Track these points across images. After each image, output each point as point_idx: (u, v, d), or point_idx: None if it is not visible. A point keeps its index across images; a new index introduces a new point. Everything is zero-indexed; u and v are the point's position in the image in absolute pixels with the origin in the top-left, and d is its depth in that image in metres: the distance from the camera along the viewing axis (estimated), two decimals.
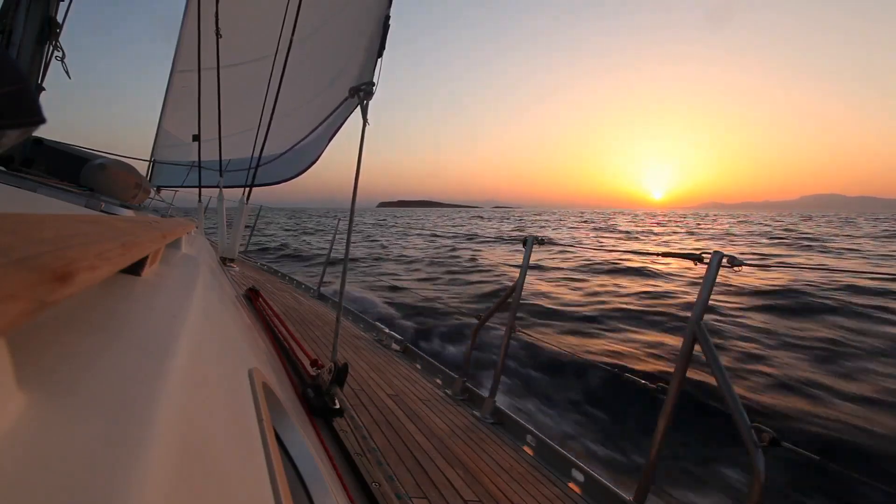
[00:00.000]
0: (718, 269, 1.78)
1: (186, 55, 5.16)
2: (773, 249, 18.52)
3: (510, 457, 2.24)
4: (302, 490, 0.78)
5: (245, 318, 1.82)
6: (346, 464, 1.72)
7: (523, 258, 2.89)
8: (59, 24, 2.94)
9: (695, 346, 1.80)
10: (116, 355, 0.37)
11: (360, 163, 2.13)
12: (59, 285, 0.22)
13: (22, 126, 0.48)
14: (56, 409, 0.26)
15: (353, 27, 3.48)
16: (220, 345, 0.72)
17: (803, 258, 15.60)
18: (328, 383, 1.88)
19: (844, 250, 17.56)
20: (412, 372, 3.30)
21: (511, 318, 2.80)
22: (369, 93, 2.22)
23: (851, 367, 5.20)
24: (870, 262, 14.36)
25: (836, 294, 8.40)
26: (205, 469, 0.34)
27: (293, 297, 5.39)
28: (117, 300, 0.51)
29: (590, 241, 25.79)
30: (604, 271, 12.02)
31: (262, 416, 0.60)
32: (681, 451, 3.58)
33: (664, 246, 21.65)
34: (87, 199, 1.55)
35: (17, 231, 0.27)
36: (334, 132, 3.67)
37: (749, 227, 38.95)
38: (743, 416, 1.56)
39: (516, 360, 5.09)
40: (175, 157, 5.35)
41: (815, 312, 7.38)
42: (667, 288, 9.69)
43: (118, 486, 0.23)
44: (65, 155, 3.00)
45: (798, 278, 9.77)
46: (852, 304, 7.71)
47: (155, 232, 0.63)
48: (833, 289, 8.80)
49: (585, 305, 8.24)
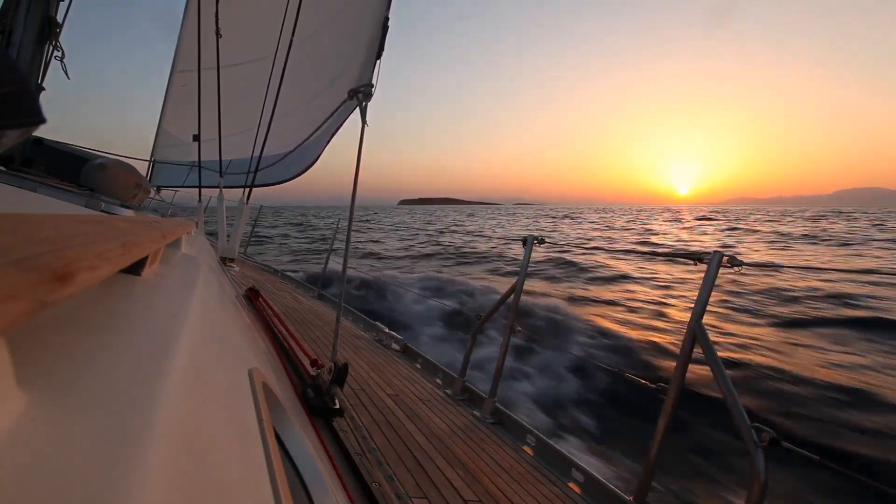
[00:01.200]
0: (718, 270, 1.79)
1: (186, 55, 5.16)
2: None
3: (510, 457, 2.24)
4: (302, 490, 0.78)
5: (245, 318, 1.82)
6: (346, 464, 1.72)
7: (523, 258, 2.89)
8: (59, 24, 2.94)
9: (695, 346, 1.80)
10: (116, 355, 0.37)
11: (359, 163, 2.14)
12: (59, 285, 0.22)
13: (22, 126, 0.48)
14: (56, 409, 0.26)
15: (353, 28, 3.48)
16: (220, 345, 0.72)
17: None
18: (328, 383, 1.88)
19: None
20: (412, 372, 3.30)
21: (511, 318, 2.80)
22: (368, 94, 2.22)
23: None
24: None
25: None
26: (205, 469, 0.34)
27: (293, 297, 5.39)
28: (117, 300, 0.51)
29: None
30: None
31: (262, 416, 0.60)
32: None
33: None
34: (87, 199, 1.55)
35: (16, 231, 0.27)
36: (333, 133, 3.67)
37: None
38: (743, 416, 1.56)
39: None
40: (175, 157, 5.35)
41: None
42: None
43: (118, 485, 0.23)
44: (65, 155, 3.00)
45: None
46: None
47: (155, 232, 0.63)
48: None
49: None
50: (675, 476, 3.29)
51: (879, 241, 21.95)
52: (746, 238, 26.14)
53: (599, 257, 14.00)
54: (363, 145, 2.13)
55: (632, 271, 12.51)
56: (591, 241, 26.05)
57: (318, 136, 3.74)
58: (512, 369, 4.84)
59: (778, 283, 10.20)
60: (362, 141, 2.16)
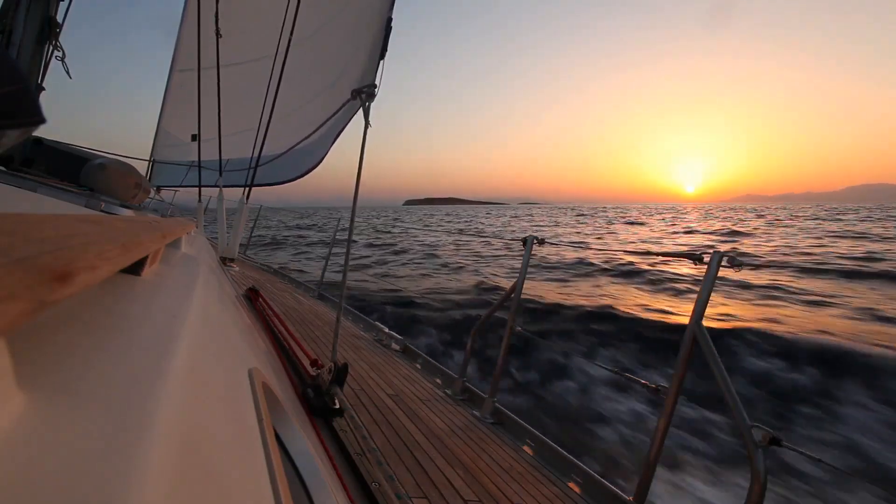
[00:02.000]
0: (718, 270, 1.79)
1: (186, 54, 5.15)
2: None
3: (510, 456, 2.24)
4: (302, 490, 0.78)
5: (245, 318, 1.82)
6: (346, 464, 1.72)
7: (523, 258, 2.89)
8: (59, 23, 2.94)
9: (694, 346, 1.80)
10: (116, 355, 0.37)
11: (361, 164, 2.14)
12: (59, 285, 0.22)
13: (22, 126, 0.48)
14: (56, 408, 0.26)
15: (355, 28, 3.48)
16: (220, 345, 0.72)
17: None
18: (328, 383, 1.88)
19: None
20: (412, 372, 3.30)
21: (511, 317, 2.80)
22: (371, 94, 2.22)
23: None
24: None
25: None
26: (205, 469, 0.34)
27: (293, 297, 5.39)
28: (117, 300, 0.51)
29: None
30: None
31: (262, 416, 0.60)
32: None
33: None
34: (86, 199, 1.55)
35: (16, 231, 0.27)
36: (337, 134, 3.66)
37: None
38: (743, 416, 1.56)
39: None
40: (175, 156, 5.34)
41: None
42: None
43: (118, 485, 0.23)
44: (65, 155, 3.00)
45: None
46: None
47: (155, 232, 0.63)
48: None
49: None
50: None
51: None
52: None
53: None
54: (366, 145, 2.14)
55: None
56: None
57: (321, 137, 3.73)
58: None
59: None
60: (365, 141, 2.16)
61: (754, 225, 33.66)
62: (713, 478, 3.33)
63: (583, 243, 17.50)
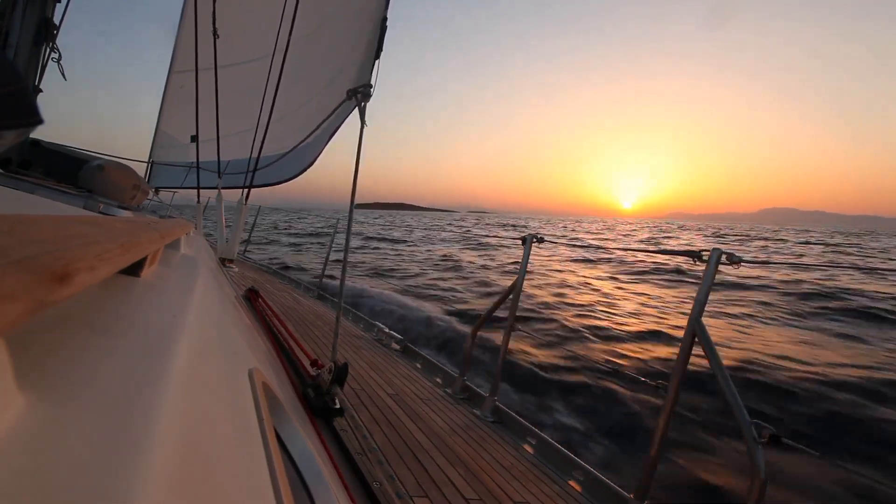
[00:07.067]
0: (717, 267, 1.79)
1: (184, 56, 5.14)
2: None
3: (511, 455, 2.24)
4: (303, 490, 0.78)
5: (245, 319, 1.82)
6: (347, 463, 1.72)
7: (522, 257, 2.89)
8: (56, 25, 2.93)
9: (694, 343, 1.80)
10: (116, 356, 0.37)
11: (358, 164, 2.14)
12: (58, 286, 0.22)
13: (19, 127, 0.48)
14: (55, 409, 0.26)
15: (351, 28, 3.48)
16: (220, 345, 0.72)
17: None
18: (328, 383, 1.88)
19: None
20: (412, 371, 3.30)
21: (511, 317, 2.80)
22: (367, 94, 2.22)
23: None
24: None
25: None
26: (205, 469, 0.34)
27: (293, 297, 5.39)
28: (116, 301, 0.51)
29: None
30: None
31: (262, 417, 0.60)
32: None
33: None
34: (85, 201, 1.55)
35: (15, 232, 0.26)
36: (332, 133, 3.66)
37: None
38: (742, 413, 1.56)
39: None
40: (173, 158, 5.33)
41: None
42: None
43: (118, 486, 0.23)
44: (63, 156, 2.99)
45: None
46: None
47: (154, 233, 0.63)
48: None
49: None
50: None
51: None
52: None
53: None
54: (362, 145, 2.14)
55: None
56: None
57: (317, 136, 3.73)
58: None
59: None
60: (361, 141, 2.16)
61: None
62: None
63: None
